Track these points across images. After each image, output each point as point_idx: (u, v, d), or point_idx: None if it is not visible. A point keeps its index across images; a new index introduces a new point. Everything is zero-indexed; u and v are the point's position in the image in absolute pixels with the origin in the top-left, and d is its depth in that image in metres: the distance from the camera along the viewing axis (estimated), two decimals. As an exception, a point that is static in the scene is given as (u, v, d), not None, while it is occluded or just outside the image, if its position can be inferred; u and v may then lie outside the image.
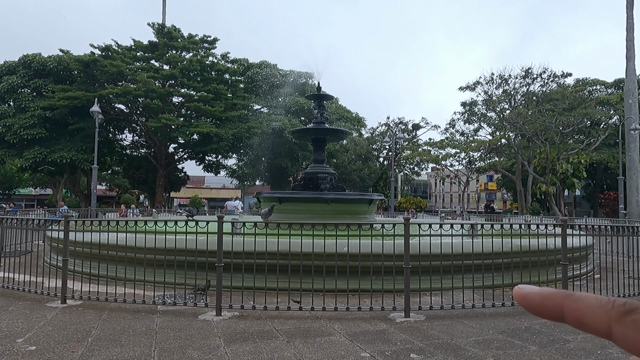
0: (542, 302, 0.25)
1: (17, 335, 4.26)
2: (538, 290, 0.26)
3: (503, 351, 3.99)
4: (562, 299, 0.24)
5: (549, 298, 0.25)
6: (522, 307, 0.26)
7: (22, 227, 7.40)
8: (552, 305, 0.25)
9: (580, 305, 0.24)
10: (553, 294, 0.25)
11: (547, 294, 0.25)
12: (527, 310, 0.25)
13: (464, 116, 37.85)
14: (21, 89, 27.27)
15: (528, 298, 0.25)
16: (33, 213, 21.36)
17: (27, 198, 53.92)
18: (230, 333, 4.43)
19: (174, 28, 29.73)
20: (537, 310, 0.25)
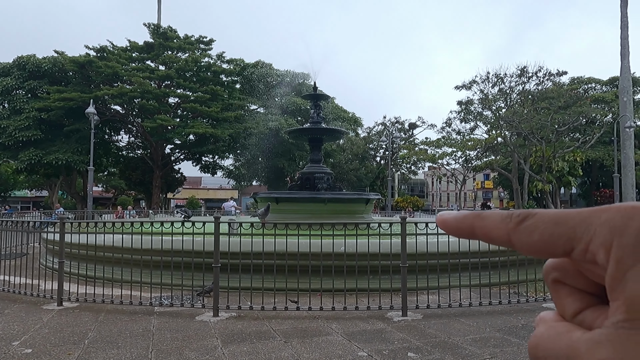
0: (457, 224, 0.27)
1: (13, 338, 4.24)
2: (454, 214, 0.28)
3: (500, 349, 4.01)
4: (472, 219, 0.27)
5: (462, 220, 0.27)
6: (444, 230, 0.28)
7: (17, 229, 7.36)
8: (465, 226, 0.27)
9: (487, 222, 0.26)
10: (465, 216, 0.27)
11: (461, 216, 0.27)
12: (447, 232, 0.28)
13: (460, 115, 37.94)
14: (16, 90, 27.11)
15: (446, 222, 0.28)
16: (29, 215, 21.26)
17: (23, 200, 53.64)
18: (228, 334, 4.43)
19: (169, 28, 29.64)
20: (454, 232, 0.28)
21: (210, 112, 27.35)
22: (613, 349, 0.21)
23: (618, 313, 0.22)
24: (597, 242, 0.23)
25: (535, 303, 5.67)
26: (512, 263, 6.23)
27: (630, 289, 0.21)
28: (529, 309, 5.47)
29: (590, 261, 0.23)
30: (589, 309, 0.25)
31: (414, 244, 5.62)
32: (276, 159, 31.04)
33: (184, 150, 31.60)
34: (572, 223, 0.24)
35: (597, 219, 0.23)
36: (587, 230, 0.23)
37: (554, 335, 0.24)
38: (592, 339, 0.22)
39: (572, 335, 0.23)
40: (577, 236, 0.23)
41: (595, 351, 0.21)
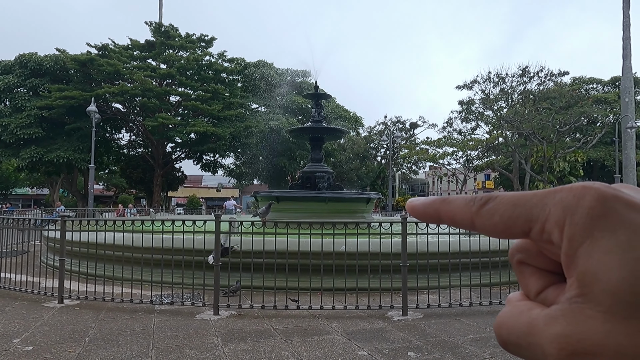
0: (424, 209, 0.28)
1: (14, 335, 4.25)
2: (421, 201, 0.28)
3: (500, 349, 4.00)
4: (439, 205, 0.27)
5: (429, 205, 0.28)
6: (412, 215, 0.29)
7: (19, 227, 7.37)
8: (432, 211, 0.28)
9: (451, 206, 0.27)
10: (432, 202, 0.28)
11: (428, 202, 0.28)
12: (415, 217, 0.29)
13: (461, 115, 37.90)
14: (17, 88, 27.14)
15: (415, 209, 0.29)
16: (30, 213, 21.29)
17: (24, 198, 53.71)
18: (228, 332, 4.43)
19: (171, 27, 29.64)
20: (421, 217, 0.28)
21: (212, 110, 27.35)
22: (567, 323, 0.22)
23: (572, 289, 0.22)
24: (552, 221, 0.23)
25: (536, 303, 5.66)
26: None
27: (581, 265, 0.22)
28: (530, 309, 5.46)
29: (547, 241, 0.24)
30: (551, 287, 0.26)
31: (415, 243, 5.61)
32: (277, 158, 31.04)
33: (185, 148, 31.60)
34: (530, 204, 0.24)
35: (552, 199, 0.24)
36: (543, 210, 0.24)
37: (517, 313, 0.25)
38: (548, 315, 0.23)
39: (532, 313, 0.24)
40: (534, 217, 0.24)
41: (550, 326, 0.22)
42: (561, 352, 0.21)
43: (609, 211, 0.22)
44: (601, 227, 0.22)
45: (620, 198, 0.22)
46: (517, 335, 0.24)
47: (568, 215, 0.23)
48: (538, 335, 0.23)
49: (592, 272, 0.21)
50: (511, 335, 0.24)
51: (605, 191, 0.22)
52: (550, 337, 0.22)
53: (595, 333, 0.21)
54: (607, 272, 0.21)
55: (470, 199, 0.27)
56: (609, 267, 0.21)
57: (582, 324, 0.21)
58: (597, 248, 0.22)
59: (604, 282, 0.21)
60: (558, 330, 0.22)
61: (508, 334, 0.25)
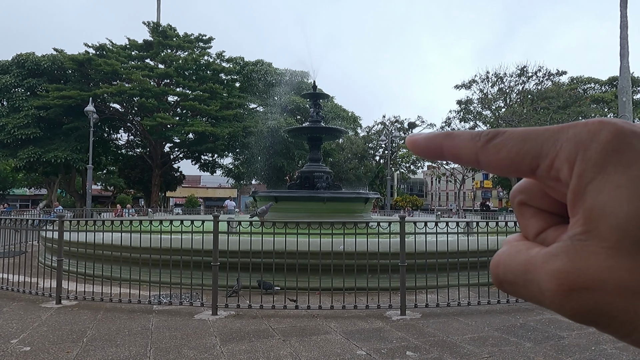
0: (426, 144, 0.27)
1: (12, 336, 4.24)
2: (423, 136, 0.27)
3: (498, 348, 4.01)
4: (442, 139, 0.26)
5: (431, 140, 0.26)
6: (413, 151, 0.28)
7: (16, 227, 7.35)
8: (434, 146, 0.26)
9: (456, 141, 0.26)
10: (435, 136, 0.27)
11: (431, 136, 0.27)
12: (416, 153, 0.27)
13: (459, 114, 37.95)
14: (15, 88, 27.06)
15: (416, 143, 0.27)
16: (28, 213, 21.24)
17: (22, 198, 53.57)
18: (226, 332, 4.43)
19: (169, 27, 29.60)
20: (423, 152, 0.27)
21: (210, 110, 27.32)
22: (567, 259, 0.21)
23: (576, 226, 0.22)
24: (562, 157, 0.22)
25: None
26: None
27: (589, 201, 0.21)
28: (527, 308, 5.48)
29: (554, 178, 0.23)
30: (551, 229, 0.25)
31: (413, 243, 5.62)
32: (275, 157, 31.03)
33: (183, 148, 31.57)
34: (540, 139, 0.23)
35: (565, 135, 0.23)
36: (554, 146, 0.23)
37: (514, 252, 0.24)
38: (548, 252, 0.22)
39: (531, 251, 0.23)
40: (544, 152, 0.23)
41: (550, 262, 0.22)
42: (560, 288, 0.21)
43: (625, 146, 0.21)
44: (615, 162, 0.21)
45: (638, 133, 0.22)
46: (513, 274, 0.24)
47: (580, 150, 0.22)
48: (536, 272, 0.22)
49: (600, 208, 0.21)
50: (507, 274, 0.24)
51: (622, 126, 0.22)
52: (549, 272, 0.22)
53: (597, 269, 0.20)
54: (616, 207, 0.20)
55: (477, 134, 0.26)
56: (619, 201, 0.20)
57: (584, 260, 0.21)
58: (608, 183, 0.21)
59: (611, 217, 0.20)
60: (558, 266, 0.21)
61: (504, 272, 0.24)
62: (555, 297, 0.21)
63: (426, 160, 42.58)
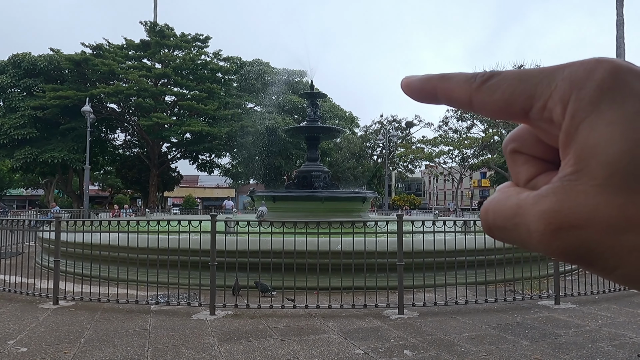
0: (421, 86, 0.26)
1: (9, 337, 4.22)
2: (418, 77, 0.26)
3: (496, 346, 4.02)
4: (436, 81, 0.26)
5: (426, 81, 0.26)
6: (407, 94, 0.27)
7: (13, 228, 7.33)
8: (429, 88, 0.26)
9: (450, 83, 0.25)
10: (430, 78, 0.26)
11: (425, 78, 0.26)
12: (410, 95, 0.27)
13: (457, 113, 38.00)
14: (11, 88, 26.95)
15: (410, 85, 0.27)
16: (24, 214, 21.16)
17: (19, 199, 53.37)
18: (224, 332, 4.43)
19: (166, 26, 29.53)
20: (417, 94, 0.26)
21: (207, 110, 27.28)
22: (556, 199, 0.21)
23: (567, 167, 0.21)
24: (556, 97, 0.22)
25: (531, 301, 5.70)
26: (507, 261, 6.24)
27: (580, 140, 0.21)
28: (525, 306, 5.50)
29: (547, 119, 0.23)
30: (542, 175, 0.25)
31: (411, 242, 5.63)
32: (273, 157, 31.02)
33: (181, 148, 31.52)
34: (535, 80, 0.23)
35: (560, 74, 0.22)
36: (548, 86, 0.22)
37: (504, 198, 0.24)
38: (538, 194, 0.22)
39: (521, 196, 0.23)
40: (538, 93, 0.22)
41: (539, 204, 0.22)
42: (547, 227, 0.21)
43: (620, 83, 0.21)
44: (609, 100, 0.20)
45: (634, 71, 0.21)
46: (503, 218, 0.23)
47: (575, 89, 0.21)
48: (525, 214, 0.22)
49: (592, 146, 0.20)
50: (497, 219, 0.24)
51: (619, 63, 0.21)
52: (538, 214, 0.21)
53: (585, 207, 0.20)
54: (607, 144, 0.20)
55: (472, 75, 0.25)
56: (611, 138, 0.20)
57: (572, 199, 0.21)
58: (601, 121, 0.20)
59: (603, 154, 0.20)
60: (546, 206, 0.21)
61: (494, 218, 0.24)
62: (543, 237, 0.21)
63: (417, 101, 42.64)
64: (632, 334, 4.39)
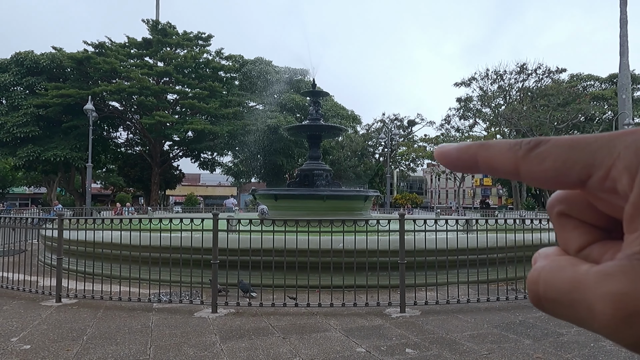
0: (459, 155, 0.25)
1: (12, 334, 4.24)
2: (455, 146, 0.25)
3: (497, 345, 4.02)
4: (476, 150, 0.24)
5: (464, 151, 0.24)
6: (443, 164, 0.25)
7: (16, 226, 7.35)
8: (467, 157, 0.24)
9: (492, 152, 0.24)
10: (468, 147, 0.25)
11: (463, 147, 0.25)
12: (447, 165, 0.25)
13: (459, 112, 37.95)
14: (14, 86, 27.04)
15: (446, 155, 0.25)
16: (27, 212, 21.23)
17: (22, 197, 53.55)
18: (226, 330, 4.44)
19: (168, 25, 29.53)
20: (455, 164, 0.25)
21: (209, 108, 27.30)
22: (626, 281, 0.19)
23: (635, 244, 0.19)
24: (621, 166, 0.20)
25: (533, 299, 5.69)
26: (509, 260, 6.23)
27: None
28: (527, 305, 5.49)
29: (609, 190, 0.21)
30: (597, 244, 0.23)
31: (413, 240, 5.62)
32: (275, 156, 31.04)
33: (183, 147, 31.57)
34: (592, 147, 0.21)
35: (622, 142, 0.20)
36: (609, 154, 0.20)
37: (557, 268, 0.22)
38: (601, 271, 0.20)
39: (578, 269, 0.21)
40: (597, 162, 0.21)
41: (605, 283, 0.19)
42: (618, 312, 0.19)
43: None
44: None
45: None
46: (557, 291, 0.21)
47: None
48: (586, 292, 0.20)
49: None
50: (549, 292, 0.22)
51: None
52: (604, 295, 0.19)
53: None
54: None
55: (515, 143, 0.23)
56: None
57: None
58: None
59: None
60: (615, 288, 0.19)
61: (545, 290, 0.22)
62: (611, 322, 0.19)
63: (455, 171, 42.52)
64: (635, 333, 4.37)
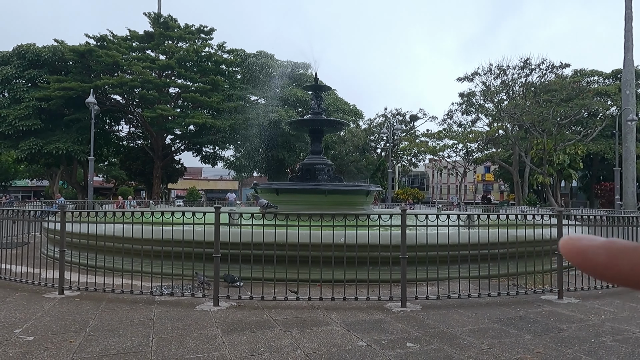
0: (611, 261, 0.17)
1: (15, 325, 4.27)
2: (601, 243, 0.18)
3: (498, 340, 4.03)
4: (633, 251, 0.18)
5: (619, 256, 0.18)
6: (580, 266, 0.19)
7: (19, 218, 7.38)
8: (628, 266, 0.17)
9: None
10: (624, 247, 0.18)
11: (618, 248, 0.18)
12: (586, 270, 0.19)
13: (461, 107, 37.79)
14: (16, 79, 27.01)
15: (588, 255, 0.18)
16: (30, 205, 21.30)
17: (24, 190, 53.72)
18: (228, 323, 4.46)
19: (170, 18, 29.41)
20: (604, 272, 0.18)
21: (211, 102, 27.25)
22: None
23: None
24: None
25: (534, 295, 5.70)
26: (511, 255, 6.24)
27: None
28: (528, 300, 5.50)
29: None
30: None
31: (414, 235, 5.62)
32: (276, 150, 31.02)
33: (185, 140, 31.56)
34: None
35: None
36: None
37: None
38: None
39: None
40: None
41: None
42: None
43: None
44: None
45: None
46: None
47: None
48: None
49: None
50: None
51: None
52: None
53: None
54: None
55: None
56: None
57: None
58: None
59: None
60: None
61: None
62: None
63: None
64: (635, 329, 4.38)
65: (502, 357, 3.61)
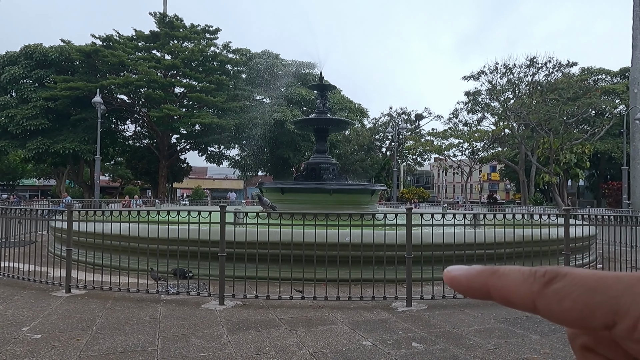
0: (469, 283, 0.23)
1: (23, 323, 4.31)
2: (465, 271, 0.23)
3: (504, 340, 4.01)
4: (487, 277, 0.23)
5: (474, 278, 0.23)
6: (453, 288, 0.24)
7: (26, 217, 7.44)
8: (478, 285, 0.23)
9: (505, 282, 0.22)
10: (479, 273, 0.23)
11: (473, 273, 0.23)
12: (457, 290, 0.24)
13: (467, 106, 37.60)
14: (23, 79, 27.25)
15: (456, 279, 0.24)
16: (37, 204, 21.49)
17: (31, 189, 54.19)
18: (233, 322, 4.47)
19: (175, 17, 29.53)
20: (465, 292, 0.23)
21: (216, 102, 27.34)
22: None
23: None
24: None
25: (541, 295, 5.66)
26: (517, 255, 6.20)
27: None
28: (534, 300, 5.46)
29: (638, 340, 0.19)
30: None
31: (419, 234, 5.61)
32: (281, 149, 31.07)
33: (190, 140, 31.69)
34: (614, 292, 0.20)
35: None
36: (635, 302, 0.19)
37: None
38: None
39: None
40: (622, 309, 0.19)
41: None
42: None
43: None
44: None
45: None
46: None
47: None
48: None
49: None
50: None
51: None
52: None
53: None
54: None
55: (529, 273, 0.22)
56: None
57: None
58: None
59: None
60: None
61: None
62: None
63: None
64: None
65: (508, 358, 3.59)
